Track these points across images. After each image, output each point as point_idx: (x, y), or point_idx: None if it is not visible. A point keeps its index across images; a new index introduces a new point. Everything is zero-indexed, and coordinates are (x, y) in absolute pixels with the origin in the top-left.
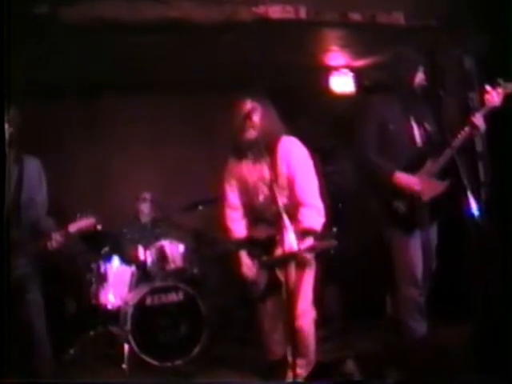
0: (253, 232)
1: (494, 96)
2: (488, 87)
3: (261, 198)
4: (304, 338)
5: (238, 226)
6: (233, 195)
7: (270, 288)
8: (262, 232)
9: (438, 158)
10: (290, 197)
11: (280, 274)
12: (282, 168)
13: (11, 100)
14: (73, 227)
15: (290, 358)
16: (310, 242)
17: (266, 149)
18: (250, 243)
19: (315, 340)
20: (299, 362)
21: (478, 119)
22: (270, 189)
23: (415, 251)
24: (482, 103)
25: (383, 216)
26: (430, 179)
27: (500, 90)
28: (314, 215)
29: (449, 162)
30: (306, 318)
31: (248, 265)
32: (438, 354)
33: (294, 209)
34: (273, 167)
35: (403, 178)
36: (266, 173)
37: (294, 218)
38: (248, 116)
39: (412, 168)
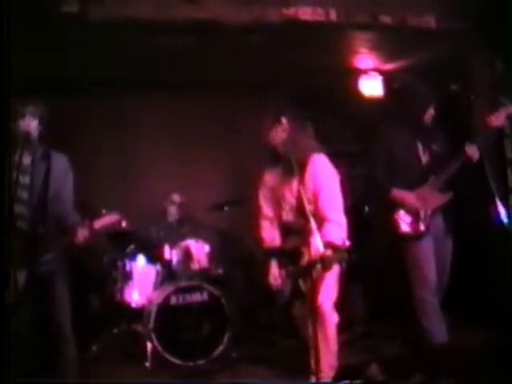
0: (282, 243)
1: (497, 117)
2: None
3: (288, 208)
4: (324, 340)
5: (270, 235)
6: (266, 206)
7: (293, 296)
8: (289, 243)
9: (441, 174)
10: (314, 211)
11: (302, 284)
12: (308, 182)
13: (40, 97)
14: (97, 223)
15: (312, 362)
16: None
17: (297, 163)
18: (279, 253)
19: (338, 344)
20: (322, 365)
21: (471, 149)
22: (298, 198)
23: (425, 255)
24: (484, 126)
25: (393, 224)
26: (432, 193)
27: (503, 111)
28: (336, 230)
29: (452, 177)
30: (324, 323)
31: (275, 274)
32: (461, 359)
33: (318, 223)
34: (301, 180)
35: (399, 194)
36: (295, 185)
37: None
38: (271, 128)
39: (416, 184)
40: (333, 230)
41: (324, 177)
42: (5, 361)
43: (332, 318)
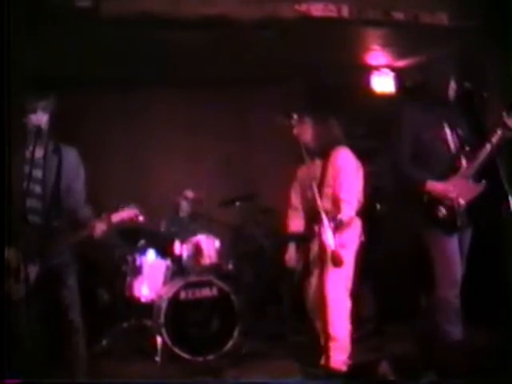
0: (305, 231)
1: None
2: None
3: (310, 195)
4: (338, 324)
5: (295, 224)
6: (295, 198)
7: (305, 271)
8: (310, 231)
9: (473, 162)
10: (331, 192)
11: (312, 265)
12: (329, 170)
13: (51, 91)
14: (115, 217)
15: (322, 341)
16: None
17: (321, 155)
18: (297, 237)
19: (350, 329)
20: (335, 345)
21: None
22: (316, 188)
23: (454, 253)
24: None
25: (423, 219)
26: (466, 182)
27: None
28: (346, 208)
29: (484, 164)
30: (338, 307)
31: (291, 255)
32: (473, 358)
33: (334, 203)
34: (323, 170)
35: (435, 187)
36: (318, 174)
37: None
38: (292, 127)
39: (447, 173)
40: (343, 207)
41: (345, 165)
42: (5, 360)
43: (345, 304)
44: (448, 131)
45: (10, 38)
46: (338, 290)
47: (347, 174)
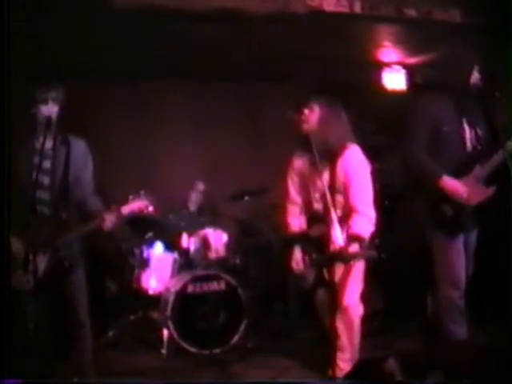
0: (308, 229)
1: None
2: None
3: (317, 196)
4: (348, 332)
5: (295, 221)
6: (294, 191)
7: (317, 283)
8: (316, 230)
9: (487, 164)
10: (344, 202)
11: (325, 272)
12: (339, 173)
13: (61, 82)
14: (125, 209)
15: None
16: (355, 248)
17: (328, 152)
18: (304, 239)
19: (360, 337)
20: (342, 355)
21: None
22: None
23: (458, 254)
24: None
25: (429, 218)
26: (477, 184)
27: None
28: (365, 223)
29: (497, 168)
30: (350, 314)
31: (297, 259)
32: (478, 358)
33: (346, 214)
34: (331, 170)
35: (449, 184)
36: (326, 174)
37: (345, 222)
38: (302, 122)
39: (460, 172)
40: (361, 222)
41: (356, 168)
42: (5, 358)
43: (357, 311)
44: (467, 128)
45: (16, 27)
46: (351, 296)
47: (360, 181)
